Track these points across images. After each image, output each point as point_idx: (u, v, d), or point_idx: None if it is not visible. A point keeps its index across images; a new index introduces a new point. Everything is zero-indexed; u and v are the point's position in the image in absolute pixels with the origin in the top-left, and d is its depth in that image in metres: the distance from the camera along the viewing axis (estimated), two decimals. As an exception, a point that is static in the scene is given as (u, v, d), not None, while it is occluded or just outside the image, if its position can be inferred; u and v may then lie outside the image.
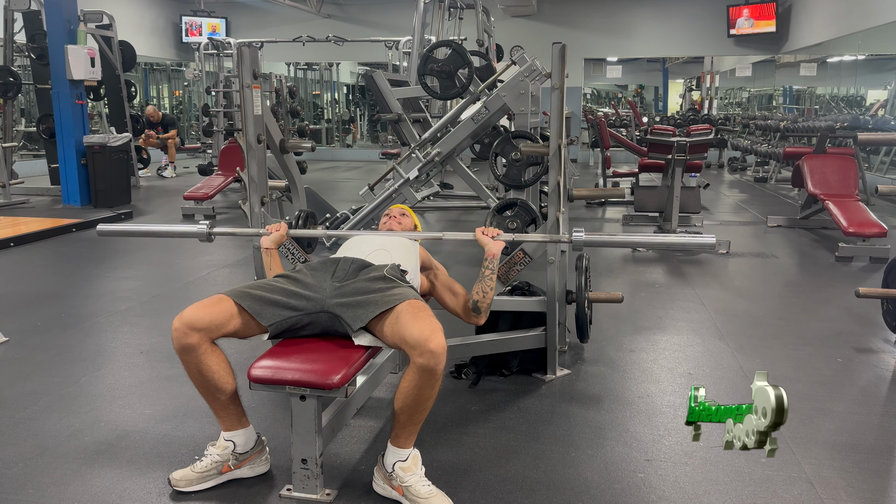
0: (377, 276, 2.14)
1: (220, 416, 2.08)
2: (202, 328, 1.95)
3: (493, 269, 2.37)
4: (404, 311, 1.96)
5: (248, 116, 2.96)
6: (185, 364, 2.00)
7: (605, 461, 2.25)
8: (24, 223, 6.43)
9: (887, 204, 7.88)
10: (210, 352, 1.99)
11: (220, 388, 2.02)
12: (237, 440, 2.09)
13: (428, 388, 1.91)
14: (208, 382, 2.00)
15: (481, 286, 2.38)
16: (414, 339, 1.86)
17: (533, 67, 3.94)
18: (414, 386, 1.89)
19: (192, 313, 1.97)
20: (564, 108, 2.74)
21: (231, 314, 2.01)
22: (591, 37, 13.43)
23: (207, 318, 1.97)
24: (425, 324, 1.90)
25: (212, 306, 2.00)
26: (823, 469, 2.20)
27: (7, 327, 3.49)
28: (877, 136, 7.34)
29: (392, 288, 2.08)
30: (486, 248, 2.40)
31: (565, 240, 2.45)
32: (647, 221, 6.50)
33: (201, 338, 1.96)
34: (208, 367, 1.99)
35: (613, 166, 9.13)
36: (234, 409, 2.08)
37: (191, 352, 1.96)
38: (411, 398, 1.91)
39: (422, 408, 1.95)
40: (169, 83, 16.67)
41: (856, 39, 10.49)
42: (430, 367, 1.86)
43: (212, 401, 2.05)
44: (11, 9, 8.15)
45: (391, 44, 10.88)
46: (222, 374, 2.01)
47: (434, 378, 1.89)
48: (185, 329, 1.94)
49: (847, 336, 3.48)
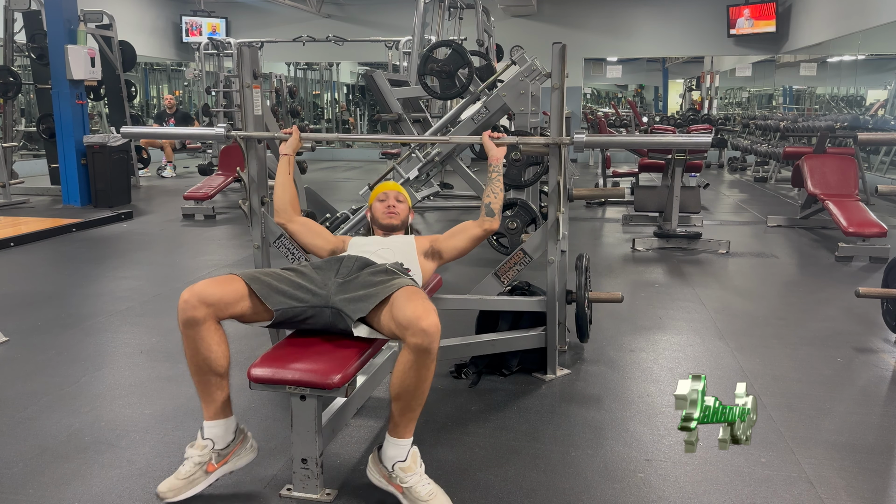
0: (379, 270, 2.16)
1: (206, 401, 2.02)
2: (212, 303, 1.94)
3: (499, 173, 2.61)
4: (399, 296, 1.97)
5: (248, 116, 2.96)
6: (185, 338, 1.96)
7: (605, 461, 2.25)
8: (24, 223, 6.43)
9: (887, 204, 7.88)
10: (214, 329, 1.96)
11: (214, 369, 1.98)
12: (216, 436, 2.02)
13: (424, 369, 1.88)
14: (204, 361, 1.96)
15: (490, 189, 2.56)
16: (406, 318, 1.86)
17: (533, 67, 3.94)
18: (409, 368, 1.88)
19: (203, 287, 1.95)
20: (564, 107, 2.75)
21: (241, 294, 2.01)
22: (591, 37, 13.42)
23: (218, 293, 1.96)
24: (418, 304, 1.90)
25: (224, 284, 1.99)
26: (823, 469, 2.20)
27: (7, 327, 3.49)
28: (877, 135, 7.34)
29: (392, 279, 2.10)
30: (490, 154, 2.64)
31: (567, 141, 2.69)
32: (647, 221, 6.50)
33: (208, 313, 1.94)
34: (208, 345, 1.95)
35: (613, 166, 9.14)
36: (220, 395, 2.02)
37: (195, 325, 1.93)
38: (407, 381, 1.89)
39: (418, 391, 1.91)
40: (169, 83, 16.67)
41: (856, 39, 10.49)
42: (424, 347, 1.84)
43: (203, 383, 2.00)
44: (11, 9, 8.14)
45: (391, 44, 10.88)
46: (220, 354, 1.98)
47: (428, 358, 1.87)
48: (195, 301, 1.92)
49: (847, 336, 3.48)
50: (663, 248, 5.53)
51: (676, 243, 5.53)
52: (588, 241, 5.96)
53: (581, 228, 6.50)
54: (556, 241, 2.84)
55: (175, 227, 6.71)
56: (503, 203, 2.60)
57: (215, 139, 2.97)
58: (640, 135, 8.81)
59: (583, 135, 2.70)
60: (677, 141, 4.06)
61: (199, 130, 4.09)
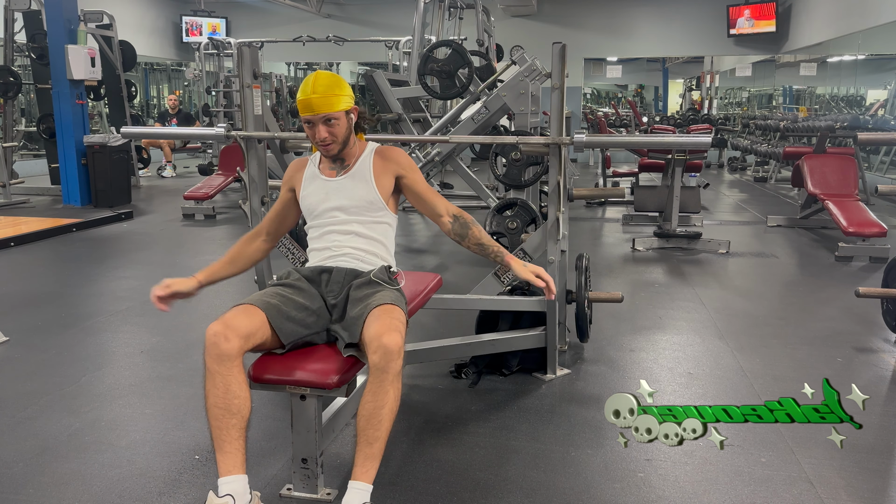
0: (364, 283, 2.03)
1: (227, 450, 1.75)
2: (244, 334, 1.77)
3: (498, 253, 2.13)
4: (371, 314, 1.86)
5: (248, 116, 2.96)
6: (213, 377, 1.74)
7: (606, 461, 2.25)
8: (24, 223, 6.43)
9: (887, 204, 7.87)
10: (241, 366, 1.79)
11: (242, 412, 1.77)
12: (236, 492, 1.73)
13: (381, 393, 1.73)
14: (232, 402, 1.74)
15: (484, 236, 2.15)
16: (369, 335, 1.77)
17: (533, 67, 3.95)
18: (367, 391, 1.75)
19: (233, 317, 1.79)
20: (564, 107, 2.75)
21: (262, 323, 1.85)
22: (591, 37, 13.42)
23: (247, 323, 1.80)
24: (384, 322, 1.80)
25: (249, 314, 1.83)
26: (823, 469, 2.19)
27: (7, 327, 3.49)
28: (877, 135, 7.33)
29: (375, 293, 1.97)
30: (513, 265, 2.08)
31: (567, 141, 2.66)
32: (647, 221, 6.50)
33: (241, 346, 1.76)
34: (239, 383, 1.75)
35: (613, 166, 9.14)
36: (240, 444, 1.77)
37: (228, 361, 1.74)
38: (364, 406, 1.75)
39: (374, 419, 1.74)
40: (169, 83, 16.68)
41: (856, 39, 10.50)
42: (381, 366, 1.72)
43: (225, 429, 1.75)
44: (12, 8, 8.14)
45: (391, 44, 10.88)
46: (247, 395, 1.79)
47: (386, 380, 1.73)
48: (227, 333, 1.74)
49: (847, 336, 3.47)
50: (663, 247, 5.53)
51: (676, 243, 5.53)
52: (588, 241, 5.96)
53: (581, 228, 6.50)
54: (556, 240, 2.84)
55: (175, 227, 6.71)
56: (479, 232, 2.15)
57: (215, 139, 2.97)
58: (640, 135, 8.81)
59: (583, 135, 2.70)
60: (677, 141, 4.08)
61: (199, 130, 4.10)
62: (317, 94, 1.98)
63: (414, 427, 2.48)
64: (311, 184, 2.16)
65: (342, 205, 2.10)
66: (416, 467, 2.20)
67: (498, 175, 4.10)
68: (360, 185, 2.11)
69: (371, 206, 2.11)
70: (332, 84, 2.02)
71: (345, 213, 2.11)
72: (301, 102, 2.00)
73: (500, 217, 3.87)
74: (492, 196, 6.04)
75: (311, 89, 1.99)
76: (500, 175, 4.09)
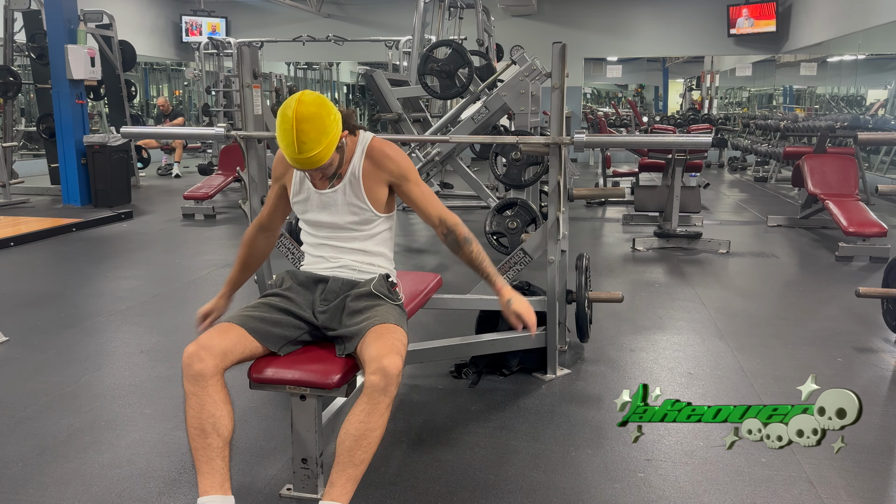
0: (363, 294, 1.98)
1: (206, 471, 1.74)
2: (218, 353, 1.79)
3: (493, 273, 2.07)
4: (370, 333, 1.84)
5: (248, 116, 2.96)
6: (190, 398, 1.76)
7: (606, 461, 2.25)
8: (24, 223, 6.43)
9: (887, 204, 7.88)
10: (221, 385, 1.79)
11: (219, 431, 1.76)
12: None
13: (376, 415, 1.71)
14: (209, 421, 1.74)
15: (480, 253, 2.07)
16: (370, 355, 1.76)
17: (533, 67, 3.95)
18: (359, 411, 1.71)
19: (207, 339, 1.81)
20: (564, 107, 2.75)
21: (242, 337, 1.86)
22: (591, 37, 13.43)
23: (223, 342, 1.81)
24: (386, 342, 1.79)
25: (225, 332, 1.85)
26: (823, 469, 2.19)
27: (7, 327, 3.49)
28: (877, 135, 7.33)
29: (375, 307, 1.95)
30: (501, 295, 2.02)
31: (567, 141, 2.67)
32: (648, 221, 6.50)
33: (216, 365, 1.77)
34: (214, 402, 1.76)
35: (613, 166, 9.14)
36: (221, 463, 1.77)
37: (202, 380, 1.75)
38: (353, 426, 1.71)
39: (363, 441, 1.71)
40: (169, 83, 16.69)
41: (856, 39, 10.50)
42: (380, 387, 1.70)
43: (204, 448, 1.75)
44: (11, 8, 8.14)
45: (391, 43, 10.88)
46: (226, 413, 1.78)
47: (382, 403, 1.71)
48: (201, 353, 1.76)
49: (847, 336, 3.47)
50: (663, 247, 5.53)
51: (676, 243, 5.53)
52: (588, 241, 5.96)
53: (581, 228, 6.50)
54: (556, 240, 2.84)
55: (175, 226, 6.71)
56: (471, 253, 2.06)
57: (215, 139, 2.97)
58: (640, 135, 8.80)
59: (583, 135, 2.70)
60: (677, 141, 4.07)
61: (199, 130, 4.10)
62: (303, 155, 1.79)
63: (414, 427, 2.48)
64: (301, 191, 2.06)
65: (335, 222, 2.04)
66: (416, 467, 2.20)
67: (498, 175, 4.11)
68: (352, 201, 2.01)
69: (365, 221, 2.04)
70: (316, 131, 1.78)
71: (339, 230, 2.05)
72: (286, 158, 1.84)
73: (500, 217, 3.87)
74: (492, 196, 6.05)
75: (295, 148, 1.78)
76: (500, 175, 4.09)
